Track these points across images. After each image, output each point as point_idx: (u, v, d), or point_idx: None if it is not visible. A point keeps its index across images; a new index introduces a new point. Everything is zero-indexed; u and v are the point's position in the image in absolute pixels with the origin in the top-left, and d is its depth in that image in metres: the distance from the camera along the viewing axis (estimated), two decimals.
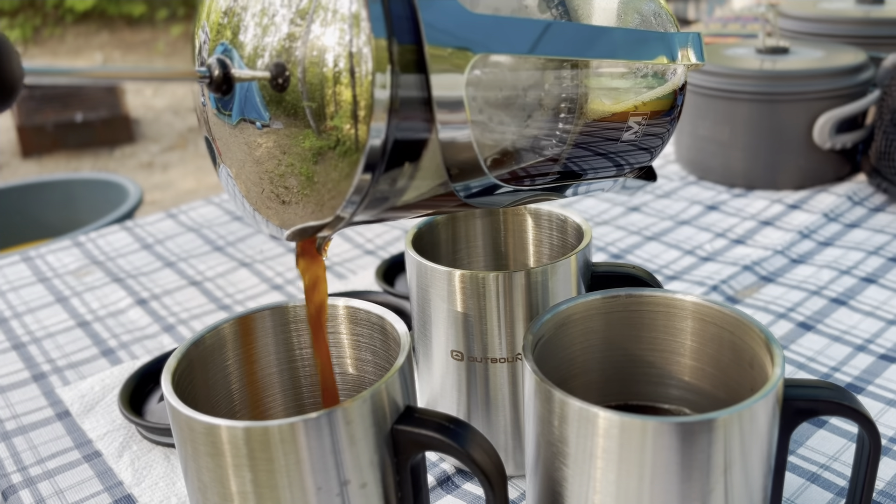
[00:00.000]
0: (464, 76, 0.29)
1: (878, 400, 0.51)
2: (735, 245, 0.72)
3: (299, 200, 0.31)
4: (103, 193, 1.87)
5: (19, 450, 0.51)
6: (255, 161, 0.32)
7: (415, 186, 0.31)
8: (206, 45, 0.32)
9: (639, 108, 0.37)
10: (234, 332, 0.37)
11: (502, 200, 0.35)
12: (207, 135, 0.34)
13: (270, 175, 0.31)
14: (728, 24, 1.35)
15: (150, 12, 5.59)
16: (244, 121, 0.31)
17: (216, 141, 0.34)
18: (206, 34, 0.32)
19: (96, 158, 3.34)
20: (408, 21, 0.28)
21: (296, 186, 0.31)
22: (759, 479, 0.33)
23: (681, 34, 0.38)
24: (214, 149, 0.34)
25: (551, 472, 0.34)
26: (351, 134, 0.28)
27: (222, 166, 0.34)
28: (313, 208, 0.31)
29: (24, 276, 0.74)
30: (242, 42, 0.30)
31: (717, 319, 0.37)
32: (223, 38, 0.31)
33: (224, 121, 0.32)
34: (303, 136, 0.29)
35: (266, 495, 0.31)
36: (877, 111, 0.79)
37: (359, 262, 0.72)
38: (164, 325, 0.64)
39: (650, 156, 0.40)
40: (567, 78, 0.34)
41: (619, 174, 0.40)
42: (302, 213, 0.31)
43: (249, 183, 0.33)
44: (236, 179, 0.33)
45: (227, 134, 0.32)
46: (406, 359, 0.34)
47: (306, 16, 0.28)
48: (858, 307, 0.61)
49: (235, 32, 0.30)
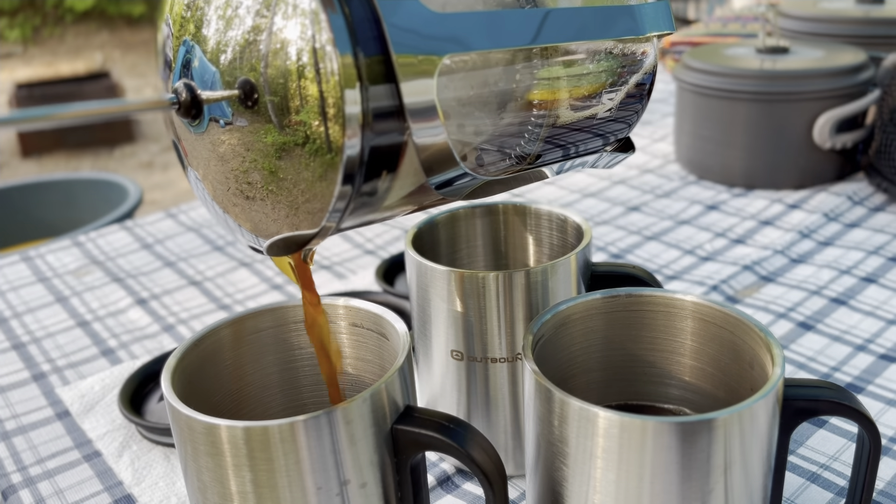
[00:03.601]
0: (433, 80, 0.29)
1: (878, 400, 0.51)
2: (735, 245, 0.72)
3: (265, 198, 0.30)
4: (103, 193, 1.86)
5: (19, 449, 0.51)
6: (220, 159, 0.31)
7: (396, 187, 0.31)
8: (169, 41, 0.32)
9: (612, 85, 0.37)
10: (234, 331, 0.37)
11: (484, 190, 0.35)
12: (174, 137, 0.34)
13: (235, 173, 0.31)
14: (728, 23, 1.35)
15: (149, 12, 5.59)
16: (210, 119, 0.30)
17: (182, 142, 0.33)
18: (169, 28, 0.32)
19: (96, 158, 3.34)
20: (372, 30, 0.28)
21: (260, 183, 0.30)
22: (759, 479, 0.33)
23: (647, 4, 0.37)
24: (181, 150, 0.33)
25: (551, 472, 0.33)
26: (320, 132, 0.28)
27: (190, 169, 0.33)
28: (286, 211, 0.30)
29: (24, 276, 0.74)
30: (205, 36, 0.30)
31: (717, 319, 0.37)
32: (186, 33, 0.31)
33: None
34: (265, 132, 0.29)
35: (266, 495, 0.31)
36: (877, 111, 0.79)
37: (359, 262, 0.72)
38: (163, 325, 0.64)
39: (627, 126, 0.39)
40: (538, 65, 0.34)
41: (597, 149, 0.39)
42: (273, 215, 0.31)
43: (216, 183, 0.32)
44: (203, 181, 0.33)
45: (192, 135, 0.32)
46: (406, 359, 0.34)
47: (270, 8, 0.28)
48: (858, 307, 0.61)
49: (199, 26, 0.30)
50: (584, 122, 0.37)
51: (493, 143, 0.34)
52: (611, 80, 0.37)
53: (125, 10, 5.56)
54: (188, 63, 0.30)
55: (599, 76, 0.36)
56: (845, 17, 0.95)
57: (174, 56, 0.31)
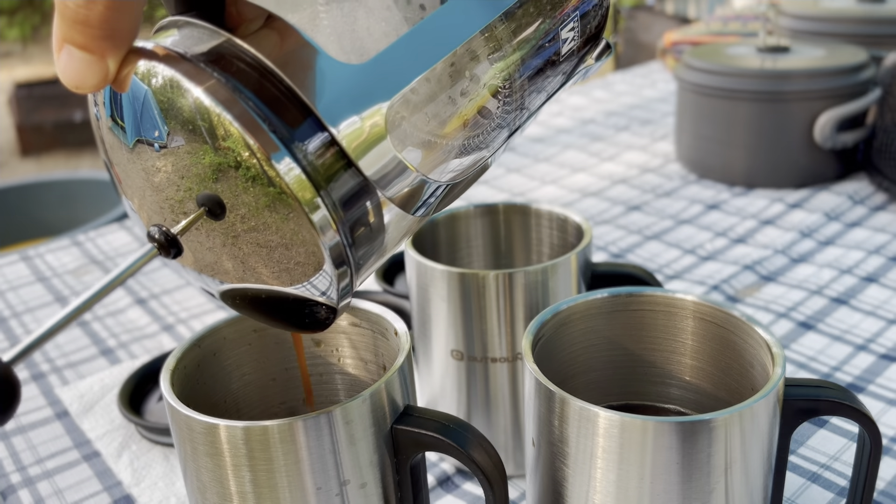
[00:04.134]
0: (386, 137, 0.27)
1: (879, 399, 0.51)
2: (735, 244, 0.72)
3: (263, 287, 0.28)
4: (103, 193, 1.86)
5: (18, 449, 0.51)
6: (155, 188, 0.28)
7: (389, 236, 0.30)
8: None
9: (565, 16, 0.33)
10: (234, 331, 0.37)
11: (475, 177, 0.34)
12: (105, 158, 0.29)
13: (171, 202, 0.27)
14: (729, 22, 1.35)
15: (149, 11, 5.57)
16: (141, 142, 0.27)
17: (114, 166, 0.29)
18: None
19: (95, 158, 3.34)
20: (307, 123, 0.26)
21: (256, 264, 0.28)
22: (759, 479, 0.33)
23: None
24: (113, 174, 0.29)
25: (551, 472, 0.33)
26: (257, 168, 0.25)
27: (124, 198, 0.30)
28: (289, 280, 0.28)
29: (23, 276, 0.74)
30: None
31: (717, 319, 0.37)
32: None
33: (121, 139, 0.27)
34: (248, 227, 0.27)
35: (265, 495, 0.31)
36: (878, 110, 0.79)
37: None
38: (163, 325, 0.64)
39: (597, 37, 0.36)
40: (482, 48, 0.31)
41: (574, 74, 0.36)
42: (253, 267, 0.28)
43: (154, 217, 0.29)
44: (139, 212, 0.29)
45: (125, 158, 0.28)
46: (406, 358, 0.33)
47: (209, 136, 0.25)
48: (859, 307, 0.61)
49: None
50: (553, 64, 0.34)
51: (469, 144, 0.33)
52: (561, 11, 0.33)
53: None
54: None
55: (549, 16, 0.32)
56: (846, 16, 0.95)
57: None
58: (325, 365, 0.39)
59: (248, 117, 0.25)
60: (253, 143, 0.25)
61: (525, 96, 0.34)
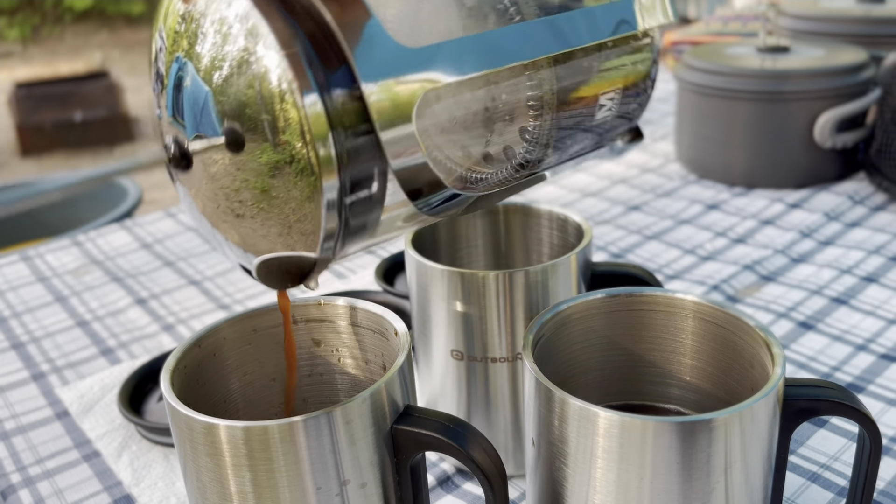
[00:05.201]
0: (412, 118, 0.28)
1: (879, 399, 0.51)
2: (735, 244, 0.72)
3: (256, 215, 0.30)
4: (102, 193, 1.86)
5: (18, 449, 0.51)
6: (211, 178, 0.30)
7: (387, 215, 0.30)
8: (162, 54, 0.31)
9: (610, 86, 0.35)
10: (234, 331, 0.37)
11: (484, 202, 0.35)
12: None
13: (226, 191, 0.30)
14: (729, 22, 1.35)
15: (149, 11, 5.59)
16: (200, 137, 0.29)
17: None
18: (162, 41, 0.31)
19: (96, 157, 3.34)
20: (342, 71, 0.27)
21: (250, 201, 0.30)
22: (759, 479, 0.33)
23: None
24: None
25: (551, 472, 0.33)
26: (303, 153, 0.27)
27: (179, 184, 0.33)
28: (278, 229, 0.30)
29: (24, 276, 0.74)
30: (199, 54, 0.29)
31: (717, 319, 0.37)
32: (179, 49, 0.30)
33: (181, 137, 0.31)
34: (260, 150, 0.28)
35: (265, 495, 0.31)
36: (878, 110, 0.79)
37: (358, 262, 0.72)
38: (163, 325, 0.64)
39: (631, 120, 0.38)
40: (525, 81, 0.32)
41: (601, 146, 0.38)
42: (263, 231, 0.30)
43: (206, 200, 0.32)
44: (194, 199, 0.32)
45: None
46: (406, 358, 0.33)
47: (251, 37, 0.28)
48: (859, 307, 0.61)
49: (192, 43, 0.30)
50: (584, 125, 0.35)
51: (484, 161, 0.33)
52: (609, 82, 0.35)
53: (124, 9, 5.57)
54: (180, 81, 0.30)
55: (597, 79, 0.34)
56: (846, 16, 0.95)
57: (167, 71, 0.31)
58: (325, 365, 0.39)
59: (295, 56, 0.27)
60: (291, 77, 0.27)
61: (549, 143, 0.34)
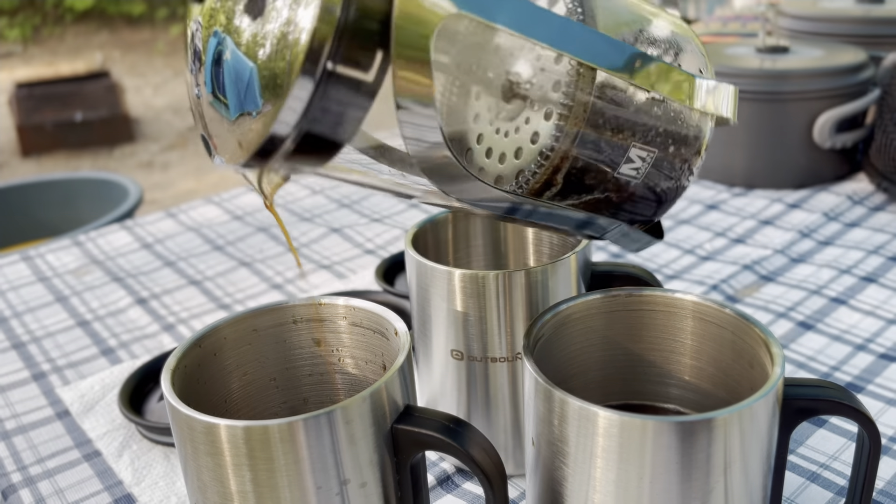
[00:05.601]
0: (432, 33, 0.26)
1: (878, 399, 0.51)
2: (735, 244, 0.72)
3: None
4: (103, 193, 1.86)
5: (19, 449, 0.51)
6: None
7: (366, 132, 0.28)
8: (198, 33, 0.31)
9: (645, 140, 0.32)
10: (234, 331, 0.37)
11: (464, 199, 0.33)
12: (203, 132, 0.32)
13: None
14: (728, 22, 1.35)
15: (149, 11, 5.59)
16: (244, 115, 0.29)
17: (213, 138, 0.32)
18: (198, 23, 0.31)
19: (96, 158, 3.34)
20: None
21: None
22: (759, 479, 0.33)
23: (715, 81, 0.33)
24: (211, 145, 0.32)
25: (551, 472, 0.33)
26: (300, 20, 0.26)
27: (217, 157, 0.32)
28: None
29: (24, 276, 0.74)
30: (238, 27, 0.28)
31: (717, 319, 0.37)
32: (217, 24, 0.30)
33: (222, 114, 0.30)
34: None
35: (266, 495, 0.31)
36: (877, 110, 0.79)
37: (359, 262, 0.72)
38: (163, 325, 0.64)
39: (656, 204, 0.34)
40: (562, 80, 0.30)
41: (614, 215, 0.34)
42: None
43: None
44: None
45: (224, 130, 0.30)
46: (406, 358, 0.34)
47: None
48: (858, 306, 0.61)
49: (230, 17, 0.29)
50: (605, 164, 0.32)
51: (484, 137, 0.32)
52: (645, 132, 0.31)
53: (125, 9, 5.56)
54: (220, 56, 0.29)
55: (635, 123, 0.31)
56: (845, 17, 0.95)
57: (204, 48, 0.30)
58: (325, 365, 0.39)
59: None
60: None
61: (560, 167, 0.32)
